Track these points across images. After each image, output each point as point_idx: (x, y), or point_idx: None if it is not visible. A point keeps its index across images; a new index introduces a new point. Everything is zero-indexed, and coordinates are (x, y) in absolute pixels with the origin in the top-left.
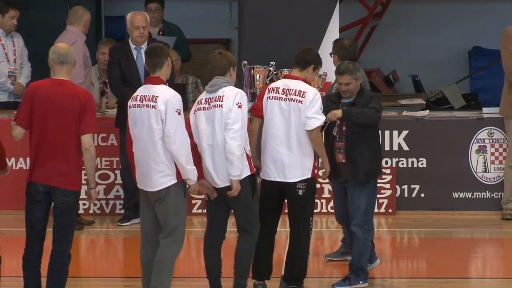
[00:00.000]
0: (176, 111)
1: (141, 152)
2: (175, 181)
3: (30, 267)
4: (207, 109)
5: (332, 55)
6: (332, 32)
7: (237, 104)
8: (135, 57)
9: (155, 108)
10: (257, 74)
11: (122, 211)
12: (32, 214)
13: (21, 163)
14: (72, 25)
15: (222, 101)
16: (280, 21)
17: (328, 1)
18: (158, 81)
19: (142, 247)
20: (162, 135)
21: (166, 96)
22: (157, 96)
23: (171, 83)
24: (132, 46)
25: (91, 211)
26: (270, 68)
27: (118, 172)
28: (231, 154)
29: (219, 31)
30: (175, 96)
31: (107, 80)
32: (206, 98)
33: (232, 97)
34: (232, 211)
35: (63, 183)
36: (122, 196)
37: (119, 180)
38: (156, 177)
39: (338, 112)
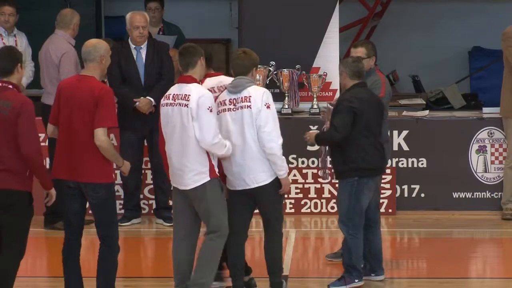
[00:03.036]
0: (208, 109)
1: (174, 151)
2: (208, 178)
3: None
4: (233, 110)
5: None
6: (332, 32)
7: (265, 105)
8: (135, 57)
9: (187, 107)
10: (257, 74)
11: (122, 211)
12: (68, 210)
13: None
14: (61, 29)
15: (249, 101)
16: (280, 21)
17: (328, 1)
18: (190, 80)
19: (175, 247)
20: (194, 133)
21: (198, 94)
22: (189, 95)
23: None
24: (132, 46)
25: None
26: (270, 68)
27: (118, 172)
28: (273, 155)
29: (219, 31)
30: (207, 94)
31: (105, 80)
32: (231, 99)
33: (260, 98)
34: (257, 211)
35: (90, 178)
36: (122, 196)
37: (119, 180)
38: (189, 175)
39: (312, 137)
